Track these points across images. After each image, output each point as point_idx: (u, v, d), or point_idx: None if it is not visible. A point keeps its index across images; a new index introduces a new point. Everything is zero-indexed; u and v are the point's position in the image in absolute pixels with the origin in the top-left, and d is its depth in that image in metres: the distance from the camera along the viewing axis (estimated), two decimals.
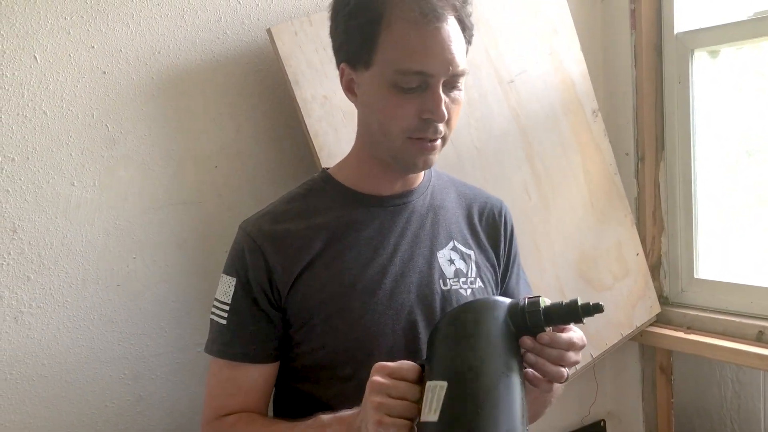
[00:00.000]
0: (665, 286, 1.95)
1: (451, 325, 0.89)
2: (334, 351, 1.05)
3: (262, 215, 1.11)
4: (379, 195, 1.11)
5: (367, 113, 1.06)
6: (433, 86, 0.98)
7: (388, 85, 0.98)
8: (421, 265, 1.10)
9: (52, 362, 1.27)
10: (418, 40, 0.96)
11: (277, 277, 1.05)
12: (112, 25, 1.29)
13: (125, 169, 1.32)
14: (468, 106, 1.56)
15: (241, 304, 1.06)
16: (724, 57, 1.83)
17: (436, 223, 1.14)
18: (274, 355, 1.08)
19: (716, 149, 1.87)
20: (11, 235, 1.22)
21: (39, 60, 1.22)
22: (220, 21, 1.40)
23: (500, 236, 1.21)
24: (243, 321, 1.06)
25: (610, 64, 1.99)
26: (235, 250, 1.09)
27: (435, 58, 0.96)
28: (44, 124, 1.24)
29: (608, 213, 1.79)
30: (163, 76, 1.35)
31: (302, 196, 1.13)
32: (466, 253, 1.15)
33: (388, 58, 0.98)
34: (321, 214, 1.09)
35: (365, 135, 1.09)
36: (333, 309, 1.05)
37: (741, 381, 1.80)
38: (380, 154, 1.07)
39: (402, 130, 1.00)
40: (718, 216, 1.90)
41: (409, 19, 0.96)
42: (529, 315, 0.88)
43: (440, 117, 0.98)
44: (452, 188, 1.21)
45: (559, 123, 1.71)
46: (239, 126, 1.44)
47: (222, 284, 1.09)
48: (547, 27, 1.70)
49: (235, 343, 1.06)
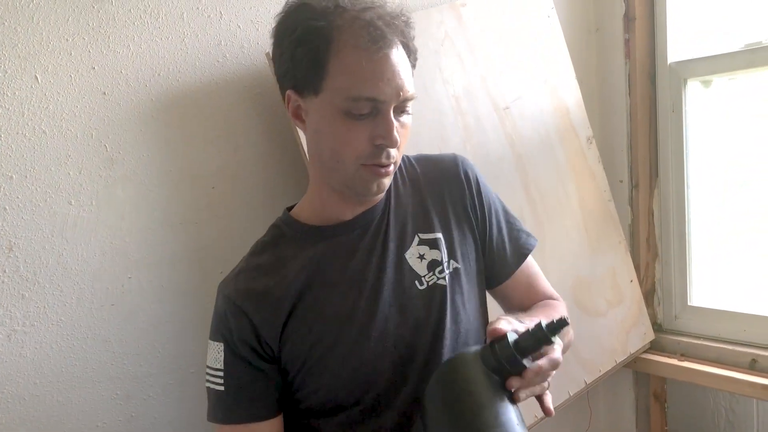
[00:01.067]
0: (659, 313, 1.95)
1: (436, 407, 0.90)
2: (334, 387, 1.05)
3: (236, 274, 1.10)
4: (343, 221, 1.10)
5: (317, 140, 1.04)
6: (384, 112, 0.98)
7: (339, 111, 0.98)
8: (392, 274, 1.08)
9: (45, 381, 1.27)
10: (369, 66, 0.95)
11: (264, 333, 1.04)
12: (113, 47, 1.30)
13: (123, 188, 1.33)
14: (464, 132, 1.58)
15: (234, 367, 1.05)
16: (716, 87, 1.86)
17: (402, 224, 1.12)
18: (278, 408, 1.08)
19: (709, 177, 1.89)
20: (7, 252, 1.22)
21: (40, 80, 1.23)
22: (220, 45, 1.41)
23: (463, 190, 1.16)
24: (240, 383, 1.05)
25: (604, 92, 2.01)
26: (218, 315, 1.08)
27: (386, 85, 0.96)
28: (43, 143, 1.24)
29: (602, 239, 1.80)
30: (163, 98, 1.36)
31: (271, 245, 1.12)
32: (432, 240, 1.11)
33: (338, 85, 0.97)
34: (291, 260, 1.08)
35: (318, 164, 1.07)
36: (323, 348, 1.04)
37: (734, 409, 1.79)
38: (334, 182, 1.06)
39: (355, 156, 0.99)
40: (712, 243, 1.91)
41: (358, 46, 0.95)
42: (504, 359, 0.89)
43: (392, 142, 0.98)
44: (405, 178, 1.17)
45: (554, 149, 1.73)
46: (236, 147, 1.45)
47: (211, 351, 1.08)
48: (542, 55, 1.73)
49: (238, 407, 1.05)
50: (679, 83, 1.86)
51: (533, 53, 1.71)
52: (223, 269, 1.11)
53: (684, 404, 1.92)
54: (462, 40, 1.60)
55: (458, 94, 1.58)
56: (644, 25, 1.90)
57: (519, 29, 1.69)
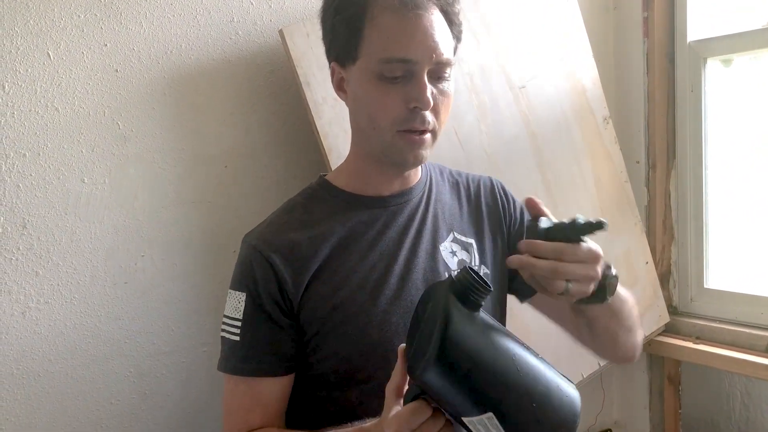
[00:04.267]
0: (674, 296, 1.93)
1: (439, 372, 0.81)
2: (350, 355, 1.04)
3: (265, 227, 1.10)
4: (380, 196, 1.11)
5: (356, 109, 1.06)
6: (417, 74, 0.98)
7: (373, 76, 0.99)
8: (425, 261, 1.09)
9: (59, 358, 1.28)
10: (400, 27, 0.97)
11: (288, 287, 1.04)
12: (126, 24, 1.29)
13: (135, 167, 1.33)
14: (479, 111, 1.56)
15: (253, 318, 1.04)
16: (737, 66, 1.82)
17: (436, 217, 1.14)
18: (290, 366, 1.07)
19: (728, 158, 1.86)
20: (21, 230, 1.23)
21: (52, 57, 1.23)
22: (233, 21, 1.40)
23: (500, 207, 1.20)
24: (257, 335, 1.05)
25: (622, 71, 1.98)
26: (243, 264, 1.07)
27: (417, 45, 0.97)
28: (56, 121, 1.24)
29: (618, 221, 1.78)
30: (175, 76, 1.35)
31: (302, 205, 1.12)
32: (465, 243, 1.14)
33: (372, 50, 0.98)
34: (324, 221, 1.08)
35: (357, 133, 1.09)
36: (344, 315, 1.04)
37: (750, 392, 1.78)
38: (372, 150, 1.06)
39: (391, 121, 1.00)
40: (729, 225, 1.88)
41: (390, 8, 0.97)
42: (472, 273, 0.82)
43: (425, 104, 0.98)
44: (446, 179, 1.21)
45: (569, 129, 1.71)
46: (249, 126, 1.44)
47: (231, 300, 1.07)
48: (559, 33, 1.70)
49: (251, 358, 1.04)
50: (699, 62, 1.82)
51: (549, 31, 1.68)
52: (235, 248, 1.11)
53: (698, 387, 1.91)
54: (476, 18, 1.57)
55: (473, 72, 1.56)
56: (663, 3, 1.86)
57: (535, 6, 1.66)
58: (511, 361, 0.79)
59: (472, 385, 0.78)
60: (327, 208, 1.10)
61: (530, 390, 0.79)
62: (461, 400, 0.79)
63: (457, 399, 0.79)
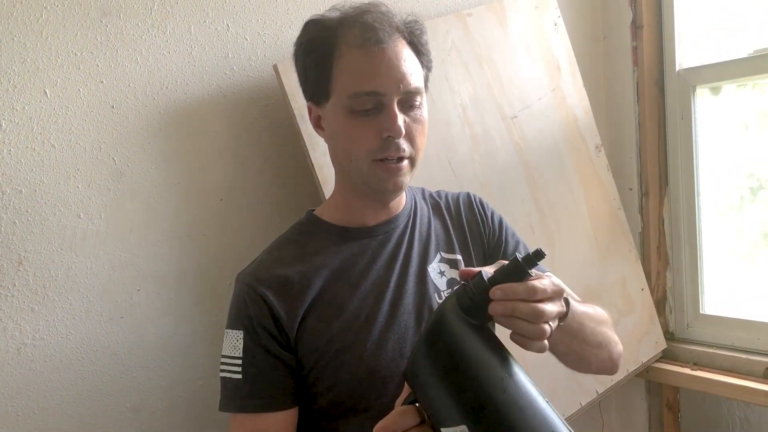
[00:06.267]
0: (671, 322, 1.93)
1: (426, 364, 0.81)
2: (349, 386, 1.05)
3: (256, 265, 1.11)
4: (366, 226, 1.13)
5: (334, 144, 1.09)
6: (387, 105, 1.01)
7: (346, 111, 1.02)
8: (414, 285, 1.11)
9: (54, 395, 1.27)
10: (365, 62, 1.01)
11: (283, 321, 1.04)
12: (122, 61, 1.31)
13: (131, 201, 1.33)
14: (472, 141, 1.57)
15: (253, 354, 1.05)
16: (725, 94, 1.85)
17: (422, 240, 1.16)
18: (294, 400, 1.07)
19: (720, 184, 1.88)
20: (17, 266, 1.23)
21: (49, 95, 1.24)
22: (228, 57, 1.42)
23: (479, 220, 1.22)
24: (260, 370, 1.05)
25: (612, 99, 2.01)
26: (237, 303, 1.08)
27: (383, 78, 1.00)
28: (52, 157, 1.25)
29: (612, 248, 1.79)
30: (171, 111, 1.37)
31: (293, 241, 1.14)
32: (452, 260, 1.16)
33: (342, 86, 1.02)
34: (314, 255, 1.10)
35: (338, 167, 1.13)
36: (339, 345, 1.04)
37: (749, 419, 1.77)
38: (354, 183, 1.09)
39: (366, 152, 1.03)
40: (724, 251, 1.89)
41: (355, 45, 1.01)
42: (478, 294, 0.80)
43: (397, 133, 1.01)
44: (427, 200, 1.23)
45: (562, 158, 1.72)
46: (245, 160, 1.45)
47: (228, 339, 1.07)
48: (550, 63, 1.72)
49: (255, 395, 1.04)
50: (688, 90, 1.85)
51: (540, 62, 1.71)
52: (231, 282, 1.11)
53: (698, 414, 1.90)
54: (468, 50, 1.60)
55: (465, 104, 1.58)
56: (652, 32, 1.89)
57: (526, 38, 1.69)
58: (499, 380, 0.77)
59: (452, 385, 0.78)
60: (317, 242, 1.12)
61: (510, 415, 0.75)
62: (441, 403, 0.78)
63: (439, 401, 0.79)
